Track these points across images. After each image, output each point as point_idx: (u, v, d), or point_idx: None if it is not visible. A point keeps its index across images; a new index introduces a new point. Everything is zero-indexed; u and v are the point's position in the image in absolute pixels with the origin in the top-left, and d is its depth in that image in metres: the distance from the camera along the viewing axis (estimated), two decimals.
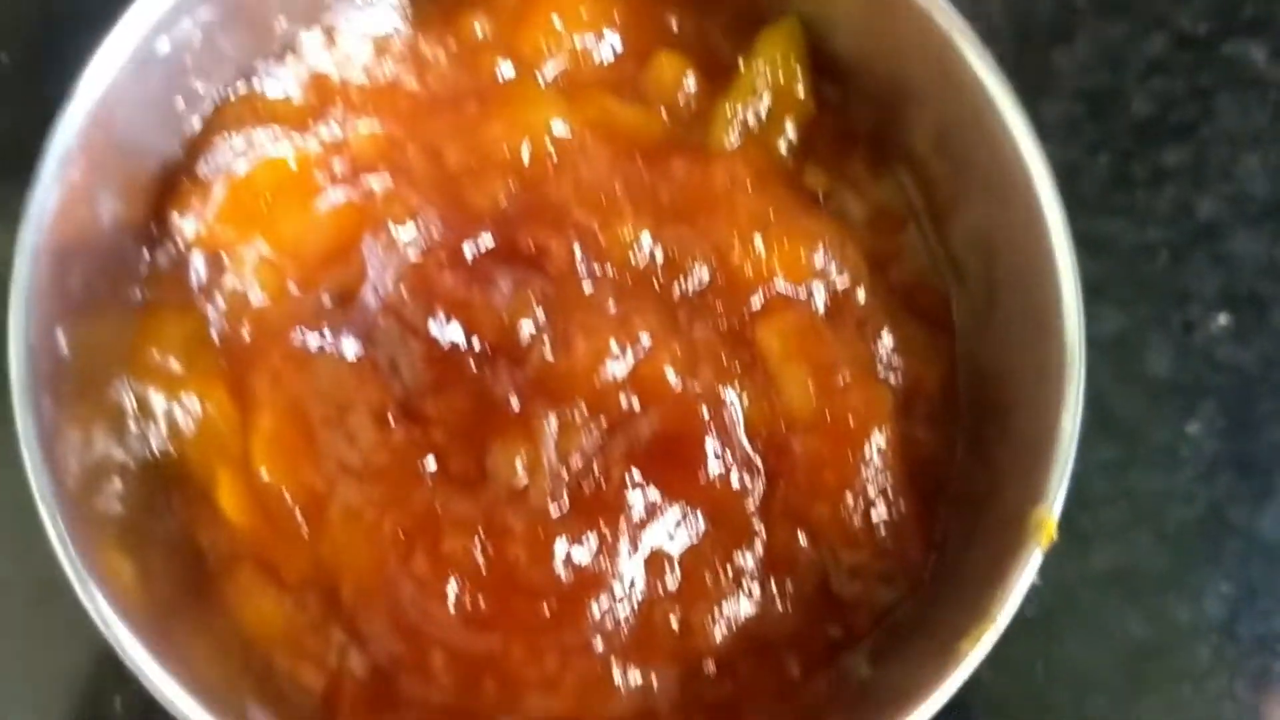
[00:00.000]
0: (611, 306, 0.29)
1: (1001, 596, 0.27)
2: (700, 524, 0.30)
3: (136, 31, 0.29)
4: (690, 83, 0.32)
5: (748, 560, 0.30)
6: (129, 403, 0.31)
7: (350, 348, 0.30)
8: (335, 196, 0.30)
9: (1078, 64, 0.41)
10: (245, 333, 0.30)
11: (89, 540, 0.28)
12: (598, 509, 0.29)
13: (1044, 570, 0.37)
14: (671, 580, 0.30)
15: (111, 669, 0.36)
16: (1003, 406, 0.30)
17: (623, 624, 0.29)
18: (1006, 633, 0.37)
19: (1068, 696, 0.37)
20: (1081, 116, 0.40)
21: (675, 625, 0.30)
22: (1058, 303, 0.29)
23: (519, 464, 0.29)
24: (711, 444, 0.30)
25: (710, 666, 0.30)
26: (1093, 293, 0.39)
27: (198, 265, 0.31)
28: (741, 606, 0.30)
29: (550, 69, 0.32)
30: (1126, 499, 0.38)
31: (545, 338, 0.29)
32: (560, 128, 0.30)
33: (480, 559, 0.29)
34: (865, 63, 0.32)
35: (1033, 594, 0.37)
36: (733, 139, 0.31)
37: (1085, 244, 0.39)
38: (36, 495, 0.27)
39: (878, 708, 0.27)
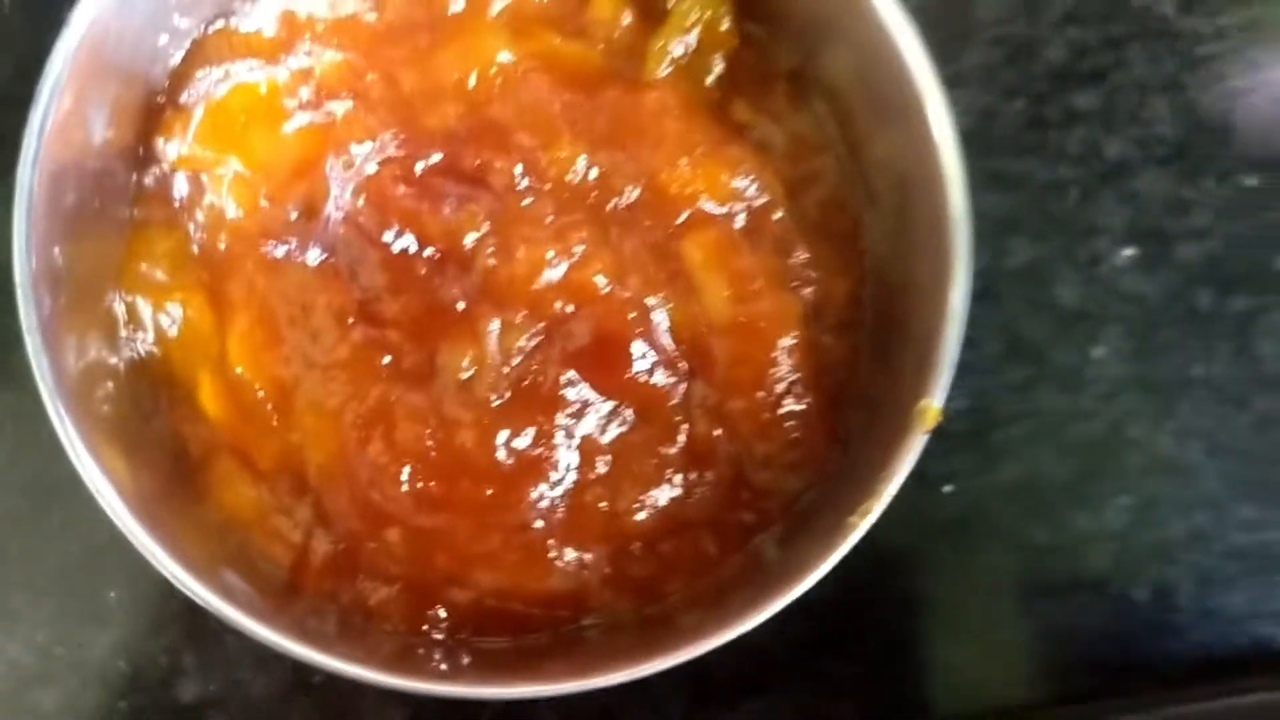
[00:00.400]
0: (549, 220, 0.33)
1: (888, 476, 0.30)
2: (629, 418, 0.33)
3: None
4: (626, 19, 0.35)
5: (671, 451, 0.33)
6: (119, 311, 0.35)
7: (314, 256, 0.33)
8: (302, 119, 0.33)
9: (997, 14, 0.43)
10: (222, 244, 0.34)
11: (88, 438, 0.31)
12: (535, 402, 0.33)
13: (957, 481, 0.41)
14: (602, 468, 0.33)
15: (104, 565, 0.40)
16: (903, 316, 0.33)
17: (558, 506, 0.33)
18: (925, 538, 0.41)
19: (979, 597, 0.40)
20: (999, 63, 0.43)
21: (605, 509, 0.33)
22: (949, 221, 0.32)
23: (465, 360, 0.32)
24: (638, 345, 0.33)
25: (636, 547, 0.33)
26: (1006, 227, 0.42)
27: (180, 185, 0.34)
28: (665, 493, 0.33)
29: (498, 3, 0.35)
30: (1034, 417, 0.41)
31: (490, 247, 0.32)
32: (505, 57, 0.33)
33: (430, 445, 0.32)
34: (787, 4, 0.35)
35: (948, 503, 0.41)
36: (664, 72, 0.35)
37: (1000, 181, 0.43)
38: (45, 397, 0.31)
39: (780, 582, 0.31)
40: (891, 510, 0.41)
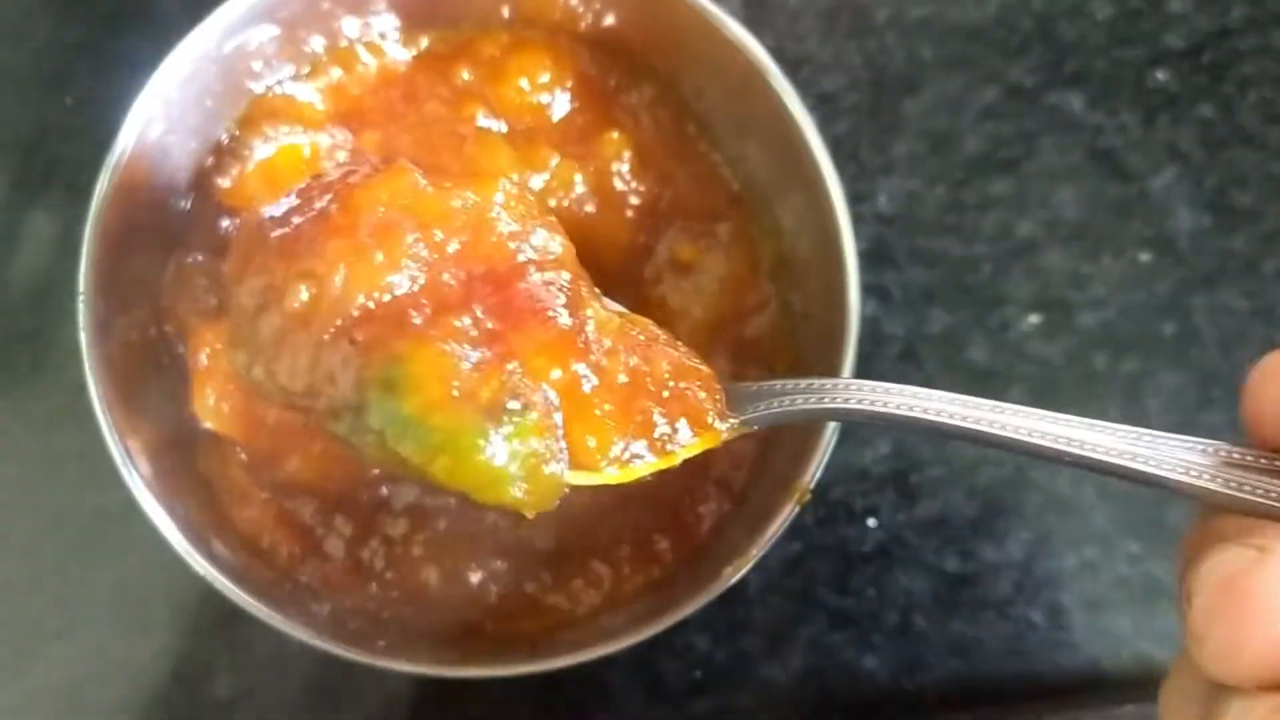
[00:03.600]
0: None
1: (762, 540, 0.35)
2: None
3: (205, 37, 0.38)
4: (627, 156, 0.42)
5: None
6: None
7: None
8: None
9: (923, 110, 0.49)
10: None
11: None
12: None
13: (881, 516, 0.47)
14: None
15: (150, 582, 0.47)
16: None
17: None
18: (849, 565, 0.47)
19: (895, 616, 0.46)
20: (924, 153, 0.49)
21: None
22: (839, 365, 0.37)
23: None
24: None
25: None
26: (927, 297, 0.48)
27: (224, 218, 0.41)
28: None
29: (515, 118, 0.42)
30: (947, 462, 0.47)
31: None
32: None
33: None
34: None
35: (872, 534, 0.47)
36: None
37: (922, 258, 0.49)
38: (120, 466, 0.37)
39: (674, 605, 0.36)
40: (823, 539, 0.47)
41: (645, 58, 0.44)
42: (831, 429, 0.36)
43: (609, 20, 0.43)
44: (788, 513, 0.35)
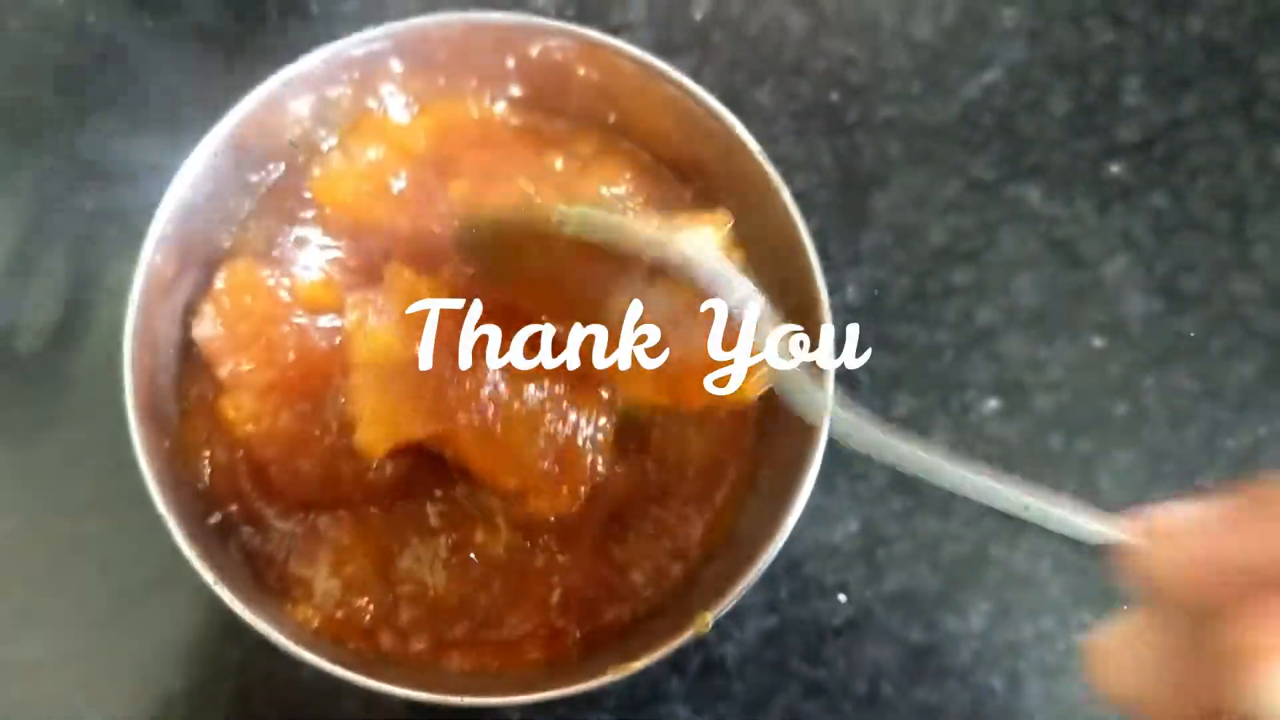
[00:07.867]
0: None
1: (649, 658, 0.38)
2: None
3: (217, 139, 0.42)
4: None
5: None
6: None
7: None
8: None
9: (889, 203, 0.52)
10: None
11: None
12: None
13: (849, 590, 0.50)
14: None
15: (171, 660, 0.50)
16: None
17: None
18: (821, 637, 0.50)
19: (864, 685, 0.49)
20: (890, 245, 0.52)
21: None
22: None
23: None
24: None
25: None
26: (892, 383, 0.51)
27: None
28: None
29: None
30: (912, 538, 0.50)
31: None
32: None
33: None
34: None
35: (840, 610, 0.50)
36: None
37: (888, 345, 0.52)
38: (171, 527, 0.38)
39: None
40: (797, 613, 0.50)
41: (714, 194, 0.46)
42: (752, 576, 0.38)
43: (694, 152, 0.45)
44: (681, 639, 0.38)
